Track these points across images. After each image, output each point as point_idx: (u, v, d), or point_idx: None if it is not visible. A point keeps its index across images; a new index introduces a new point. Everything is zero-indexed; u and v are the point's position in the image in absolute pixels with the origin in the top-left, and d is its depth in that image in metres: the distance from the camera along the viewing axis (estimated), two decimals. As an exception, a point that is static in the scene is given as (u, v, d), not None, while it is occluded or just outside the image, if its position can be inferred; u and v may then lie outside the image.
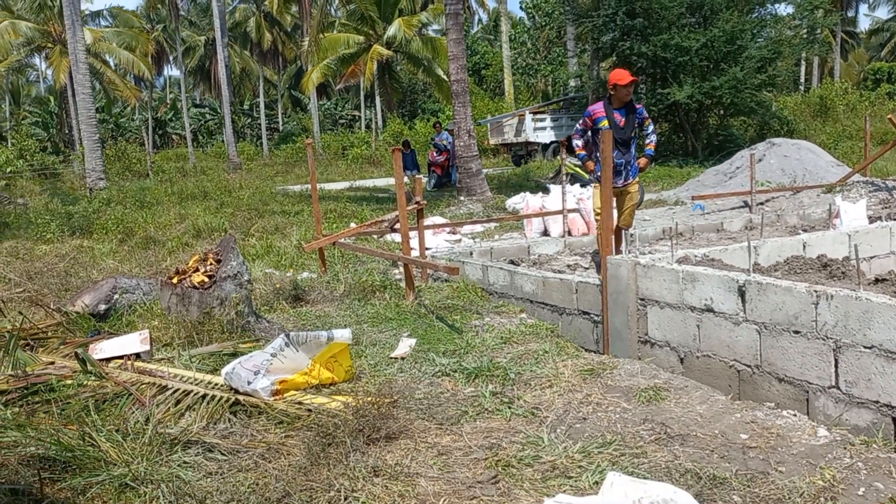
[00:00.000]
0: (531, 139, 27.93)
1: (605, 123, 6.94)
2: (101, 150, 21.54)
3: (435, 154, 20.72)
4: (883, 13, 56.37)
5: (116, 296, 6.15)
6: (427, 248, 8.27)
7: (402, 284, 7.01)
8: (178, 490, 3.06)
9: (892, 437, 3.36)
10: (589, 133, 7.23)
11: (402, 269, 7.32)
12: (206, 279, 5.41)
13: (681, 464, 3.19)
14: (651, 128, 7.41)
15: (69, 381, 4.38)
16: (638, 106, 7.27)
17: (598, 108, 7.11)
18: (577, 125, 7.40)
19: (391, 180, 18.47)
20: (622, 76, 6.99)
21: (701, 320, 4.40)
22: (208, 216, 13.50)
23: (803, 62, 45.22)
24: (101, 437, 3.50)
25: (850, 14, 53.36)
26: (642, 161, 7.35)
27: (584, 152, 7.29)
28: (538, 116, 28.51)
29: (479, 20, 58.97)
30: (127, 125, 54.26)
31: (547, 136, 27.64)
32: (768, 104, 24.70)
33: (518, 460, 3.27)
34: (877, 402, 3.44)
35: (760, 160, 14.46)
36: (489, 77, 48.75)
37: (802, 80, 46.60)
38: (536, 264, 7.73)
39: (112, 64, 38.60)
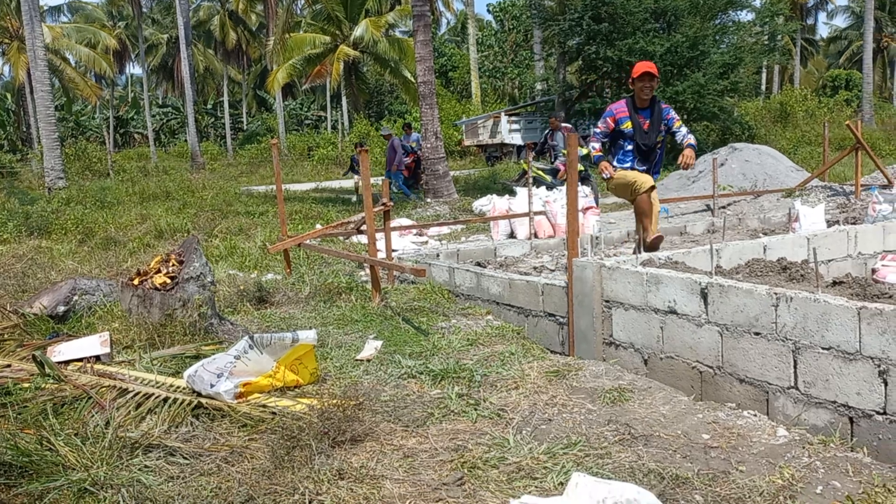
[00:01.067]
0: (506, 140, 28.31)
1: (628, 125, 6.33)
2: (60, 149, 21.14)
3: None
4: (841, 21, 57.81)
5: (76, 297, 6.03)
6: (393, 250, 8.25)
7: (369, 286, 6.98)
8: (138, 495, 3.01)
9: (849, 437, 3.43)
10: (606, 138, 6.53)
11: (368, 270, 7.30)
12: (168, 280, 5.33)
13: (644, 464, 3.22)
14: (683, 130, 6.43)
15: (26, 385, 4.28)
16: (664, 105, 6.49)
17: (620, 108, 6.40)
18: (596, 127, 6.58)
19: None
20: (637, 68, 6.27)
21: (664, 322, 4.45)
22: (171, 217, 13.33)
23: (764, 69, 46.12)
24: (59, 441, 3.42)
25: (810, 22, 54.65)
26: (687, 153, 6.23)
27: (600, 154, 6.51)
28: (513, 118, 28.82)
29: (448, 22, 59.08)
30: (87, 124, 53.26)
31: (521, 138, 27.85)
32: (730, 110, 25.16)
33: (484, 462, 3.27)
34: (834, 402, 3.51)
35: (723, 164, 14.73)
36: (456, 79, 48.84)
37: (763, 86, 47.51)
38: (503, 266, 7.76)
39: (72, 61, 37.88)
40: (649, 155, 6.51)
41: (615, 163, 6.57)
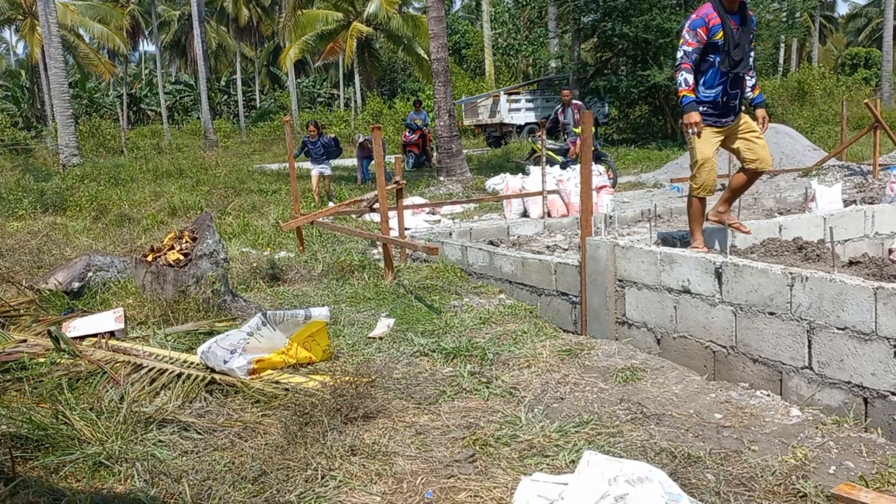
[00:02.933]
0: (505, 120, 27.63)
1: (720, 35, 4.95)
2: (74, 126, 21.19)
3: (408, 134, 20.51)
4: (861, -2, 56.86)
5: (90, 273, 6.07)
6: (406, 229, 8.24)
7: (381, 264, 6.98)
8: (152, 469, 3.04)
9: (863, 417, 3.41)
10: (695, 55, 5.01)
11: (380, 249, 7.29)
12: (182, 257, 5.35)
13: (656, 443, 3.22)
14: (752, 56, 5.27)
15: (42, 360, 4.32)
16: (750, 13, 5.20)
17: (710, 12, 4.97)
18: (686, 45, 5.02)
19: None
20: None
21: (678, 301, 4.43)
22: (184, 194, 13.36)
23: (782, 46, 45.49)
24: (74, 415, 3.46)
25: (829, -1, 53.73)
26: (760, 112, 5.43)
27: (690, 94, 5.03)
28: (513, 97, 28.23)
29: (461, -1, 58.59)
30: (101, 101, 53.32)
31: (522, 118, 27.14)
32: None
33: (495, 439, 3.28)
34: (848, 382, 3.48)
35: (738, 143, 14.55)
36: (470, 57, 48.47)
37: (781, 63, 46.87)
38: (516, 245, 7.73)
39: (86, 38, 37.86)
40: (738, 80, 5.17)
41: (698, 92, 5.13)
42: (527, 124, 26.75)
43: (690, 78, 5.03)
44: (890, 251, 6.35)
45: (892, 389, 3.30)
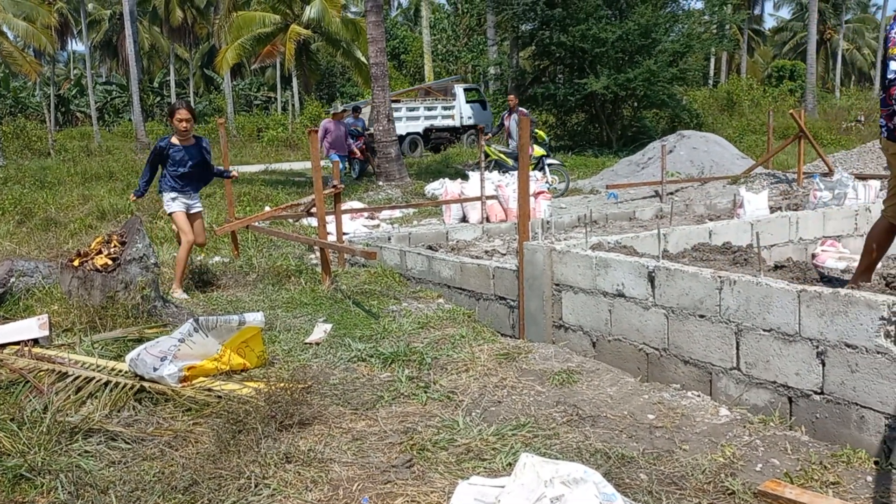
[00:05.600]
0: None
1: None
2: (-3, 127, 20.36)
3: (351, 141, 20.10)
4: (786, 13, 59.19)
5: (13, 279, 5.82)
6: (344, 233, 8.17)
7: (319, 269, 6.90)
8: (78, 480, 2.93)
9: (788, 416, 3.53)
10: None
11: (318, 253, 7.21)
12: (110, 262, 5.18)
13: (591, 444, 3.26)
14: None
15: (-42, 369, 4.12)
16: None
17: None
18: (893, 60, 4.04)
19: (308, 164, 18.09)
20: None
21: (613, 305, 4.51)
22: (114, 198, 12.96)
23: (712, 57, 46.90)
24: (-7, 426, 3.31)
25: (757, 12, 55.70)
26: None
27: None
28: (393, 106, 24.69)
29: (399, 4, 58.59)
30: (27, 101, 51.35)
31: (402, 128, 23.73)
32: (679, 97, 25.54)
33: (433, 444, 3.27)
34: (774, 382, 3.60)
35: (671, 151, 14.96)
36: (409, 62, 48.49)
37: (711, 74, 48.34)
38: (454, 250, 7.75)
39: (10, 36, 36.39)
40: None
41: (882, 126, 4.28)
42: (408, 135, 24.73)
43: None
44: (813, 256, 6.60)
45: (815, 389, 3.42)
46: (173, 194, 6.54)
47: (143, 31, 46.70)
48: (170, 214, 6.68)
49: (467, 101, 26.94)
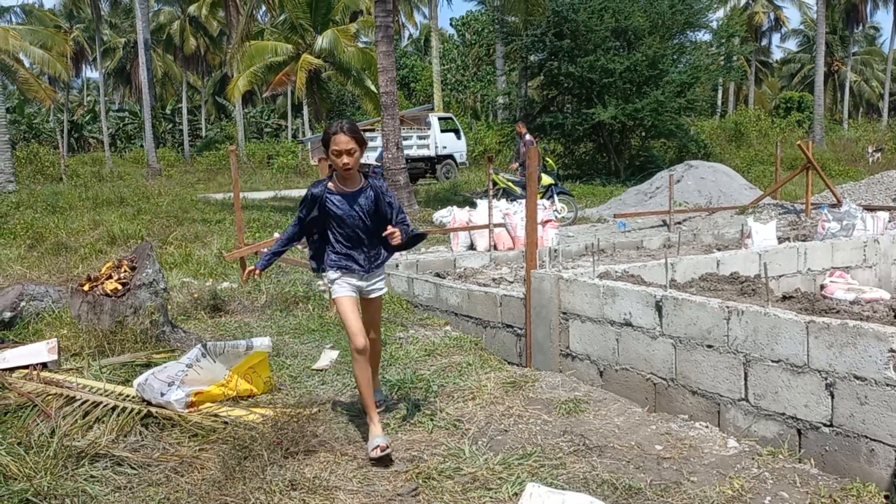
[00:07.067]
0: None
1: None
2: (10, 152, 20.61)
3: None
4: (793, 45, 59.48)
5: (23, 303, 5.86)
6: (352, 260, 8.18)
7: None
8: (83, 506, 2.93)
9: (797, 448, 3.49)
10: None
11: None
12: (120, 287, 5.21)
13: (598, 474, 3.24)
14: None
15: (-33, 392, 4.13)
16: None
17: None
18: None
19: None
20: None
21: (620, 334, 4.50)
22: (124, 223, 13.05)
23: (720, 88, 47.17)
24: (0, 450, 3.31)
25: (764, 44, 56.06)
26: None
27: None
28: (368, 136, 24.01)
29: (410, 35, 59.25)
30: (41, 127, 52.01)
31: (373, 157, 22.18)
32: (687, 127, 25.63)
33: (439, 472, 3.26)
34: (783, 414, 3.57)
35: (679, 181, 14.99)
36: (419, 91, 48.93)
37: (719, 105, 48.56)
38: (462, 277, 7.76)
39: (27, 63, 36.97)
40: None
41: None
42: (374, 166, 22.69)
43: None
44: (822, 287, 6.58)
45: (824, 421, 3.39)
46: (336, 271, 4.02)
47: (157, 58, 47.33)
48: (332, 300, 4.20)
49: (442, 131, 26.59)
